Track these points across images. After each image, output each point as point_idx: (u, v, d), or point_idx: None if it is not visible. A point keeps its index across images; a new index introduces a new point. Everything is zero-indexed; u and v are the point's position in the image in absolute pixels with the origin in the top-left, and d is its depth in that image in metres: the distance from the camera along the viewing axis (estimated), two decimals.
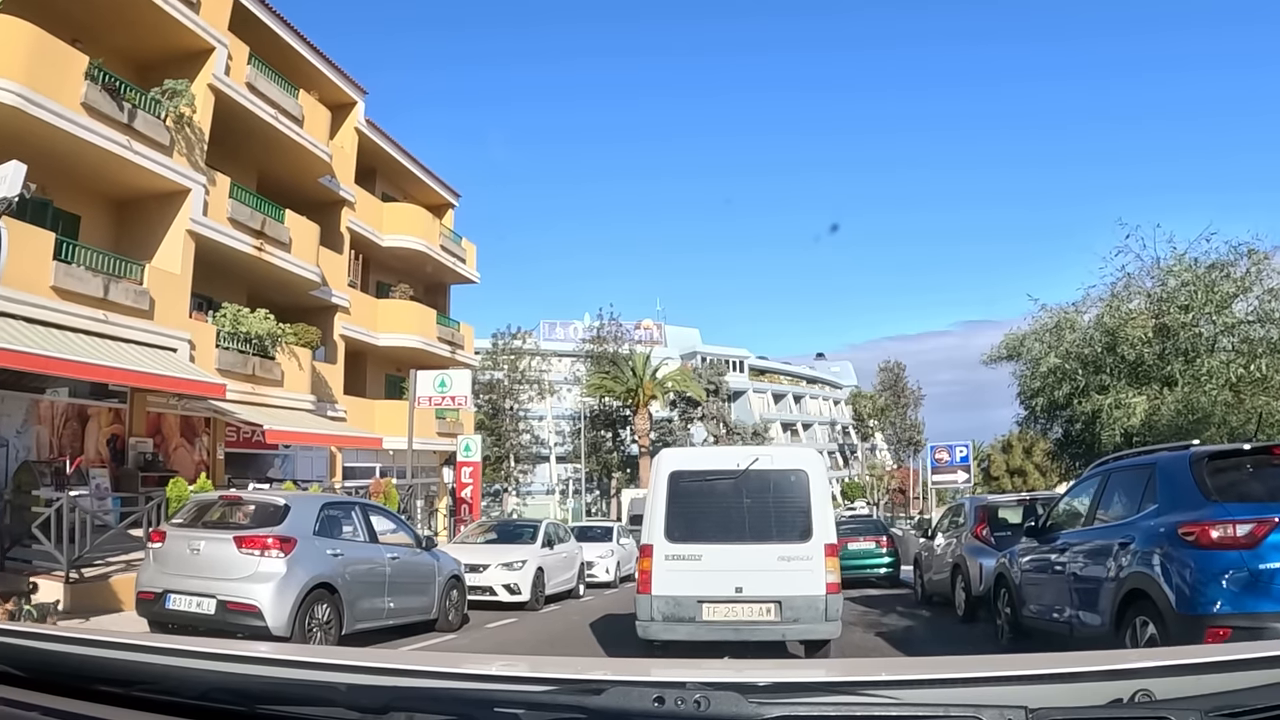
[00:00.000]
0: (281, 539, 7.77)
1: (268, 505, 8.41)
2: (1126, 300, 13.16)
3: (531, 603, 13.33)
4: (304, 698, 1.36)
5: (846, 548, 18.99)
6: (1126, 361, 12.88)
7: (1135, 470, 6.34)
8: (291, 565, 7.72)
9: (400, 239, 25.89)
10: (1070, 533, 6.98)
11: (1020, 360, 15.79)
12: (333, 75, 23.51)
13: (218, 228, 17.57)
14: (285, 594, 7.53)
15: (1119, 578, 5.57)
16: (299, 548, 7.85)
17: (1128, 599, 5.39)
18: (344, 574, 8.29)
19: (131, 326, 15.35)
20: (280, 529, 7.90)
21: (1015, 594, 7.96)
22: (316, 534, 8.29)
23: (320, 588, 7.95)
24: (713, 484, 7.93)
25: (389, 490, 17.25)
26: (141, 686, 1.45)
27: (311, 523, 8.29)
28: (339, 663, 1.56)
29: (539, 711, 1.27)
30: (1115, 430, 12.49)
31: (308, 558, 7.94)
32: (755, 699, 1.22)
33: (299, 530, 8.03)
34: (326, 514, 8.70)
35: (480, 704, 1.30)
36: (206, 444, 18.42)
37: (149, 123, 16.20)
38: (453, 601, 10.72)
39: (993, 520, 11.46)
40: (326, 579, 8.04)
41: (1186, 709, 1.18)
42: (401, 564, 9.44)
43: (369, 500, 11.96)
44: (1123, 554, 5.62)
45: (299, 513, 8.26)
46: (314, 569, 7.95)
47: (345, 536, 8.91)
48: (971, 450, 24.71)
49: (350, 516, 9.17)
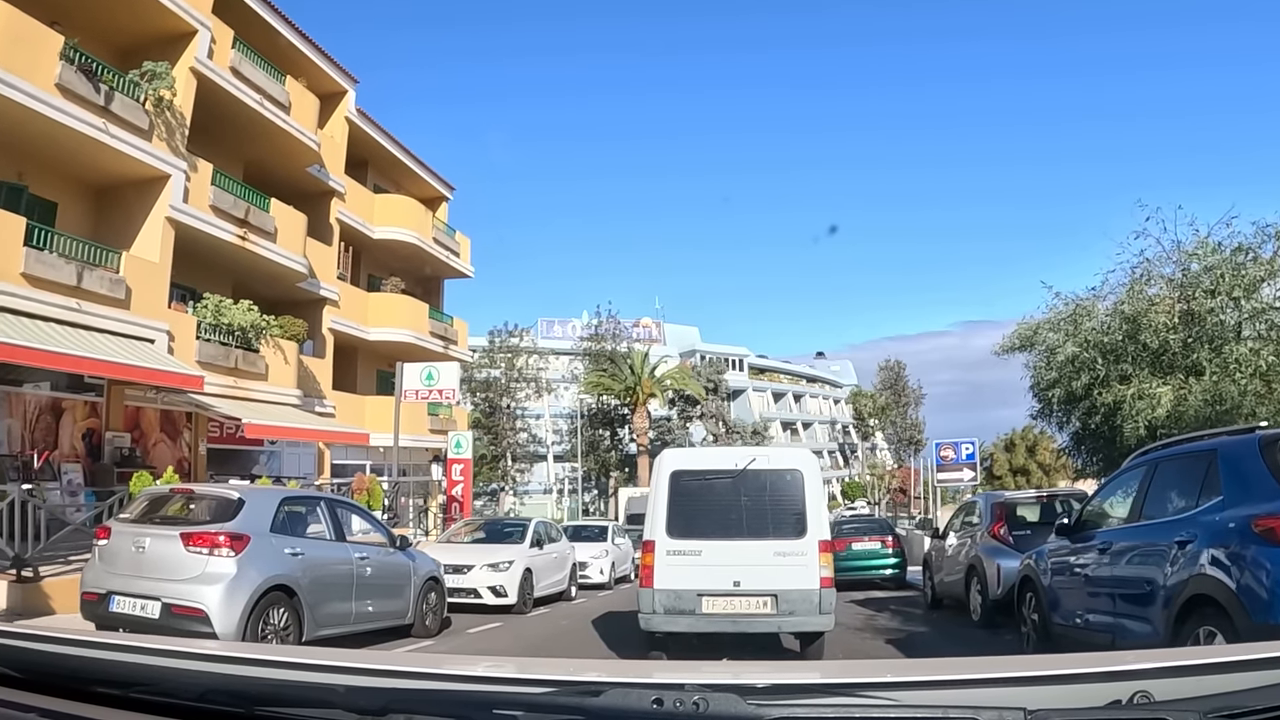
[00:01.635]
0: (232, 536, 7.08)
1: (220, 499, 7.71)
2: (1146, 286, 12.54)
3: (519, 605, 12.74)
4: (302, 699, 1.35)
5: (850, 548, 18.38)
6: (1149, 350, 12.20)
7: (1190, 459, 5.66)
8: (243, 565, 7.04)
9: (392, 231, 25.26)
10: (1111, 531, 6.28)
11: (1034, 351, 15.15)
12: (322, 63, 22.89)
13: (199, 215, 16.95)
14: (235, 597, 6.85)
15: (1177, 581, 4.88)
16: (252, 546, 7.17)
17: (1189, 606, 4.71)
18: (305, 575, 7.59)
19: (107, 316, 14.76)
20: (232, 525, 7.21)
21: (1043, 598, 7.19)
22: (274, 531, 7.59)
23: (276, 590, 7.26)
24: (712, 483, 8.22)
25: (373, 487, 16.58)
26: (139, 688, 1.44)
27: (268, 519, 7.59)
28: (337, 664, 1.56)
29: (538, 713, 1.26)
30: (1139, 422, 11.82)
31: (262, 557, 7.27)
32: (754, 700, 1.21)
33: (254, 527, 7.35)
34: (287, 510, 8.00)
35: (479, 706, 1.29)
36: (188, 440, 17.80)
37: (127, 106, 15.63)
38: (430, 605, 10.03)
39: (1010, 518, 10.75)
40: (284, 581, 7.34)
41: (1185, 710, 1.17)
42: (372, 564, 8.74)
43: (340, 496, 11.22)
44: (1180, 554, 4.95)
45: (254, 508, 7.57)
46: (269, 569, 7.26)
47: (308, 534, 8.22)
48: (977, 447, 23.98)
49: (315, 513, 8.48)
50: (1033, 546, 10.07)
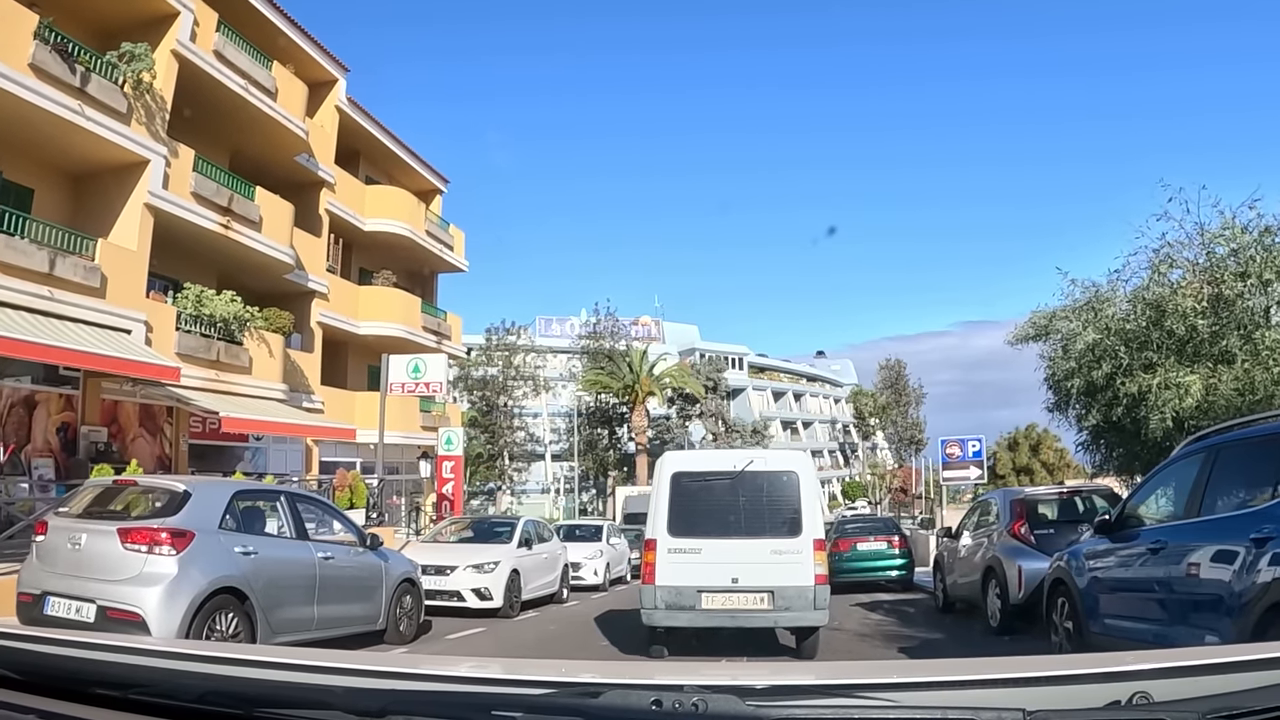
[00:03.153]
0: (174, 533, 6.37)
1: (164, 492, 7.00)
2: (1169, 270, 11.93)
3: (505, 609, 12.06)
4: (301, 700, 1.34)
5: (855, 548, 17.76)
6: (1175, 336, 11.55)
7: (1260, 444, 5.03)
8: (185, 565, 6.32)
9: (383, 223, 24.62)
10: (1164, 528, 5.62)
11: (1049, 340, 14.50)
12: (311, 50, 22.26)
13: (179, 202, 16.33)
14: (175, 600, 6.15)
15: (1253, 585, 4.24)
16: (197, 544, 6.47)
17: (1272, 614, 4.09)
18: (258, 576, 6.89)
19: (80, 305, 14.16)
20: (175, 520, 6.50)
21: (1079, 604, 6.45)
22: (224, 528, 6.89)
23: (224, 593, 6.55)
24: (711, 484, 8.57)
25: (356, 484, 15.91)
26: (138, 690, 1.43)
27: (217, 513, 6.88)
28: (336, 665, 1.55)
29: (537, 714, 1.25)
30: (1165, 413, 11.17)
31: (208, 556, 6.57)
32: (753, 701, 1.20)
33: (199, 522, 6.64)
34: (240, 504, 7.29)
35: (478, 707, 1.28)
36: (170, 435, 17.16)
37: (104, 88, 15.04)
38: (405, 609, 9.24)
39: (1031, 516, 10.06)
40: (233, 582, 6.63)
41: (1184, 711, 1.15)
42: (338, 565, 8.03)
43: (309, 491, 10.50)
44: (1257, 554, 4.32)
45: (202, 501, 6.86)
46: (216, 570, 6.55)
47: (265, 532, 7.54)
48: (984, 445, 23.34)
49: (274, 509, 7.77)
50: (1056, 546, 9.38)
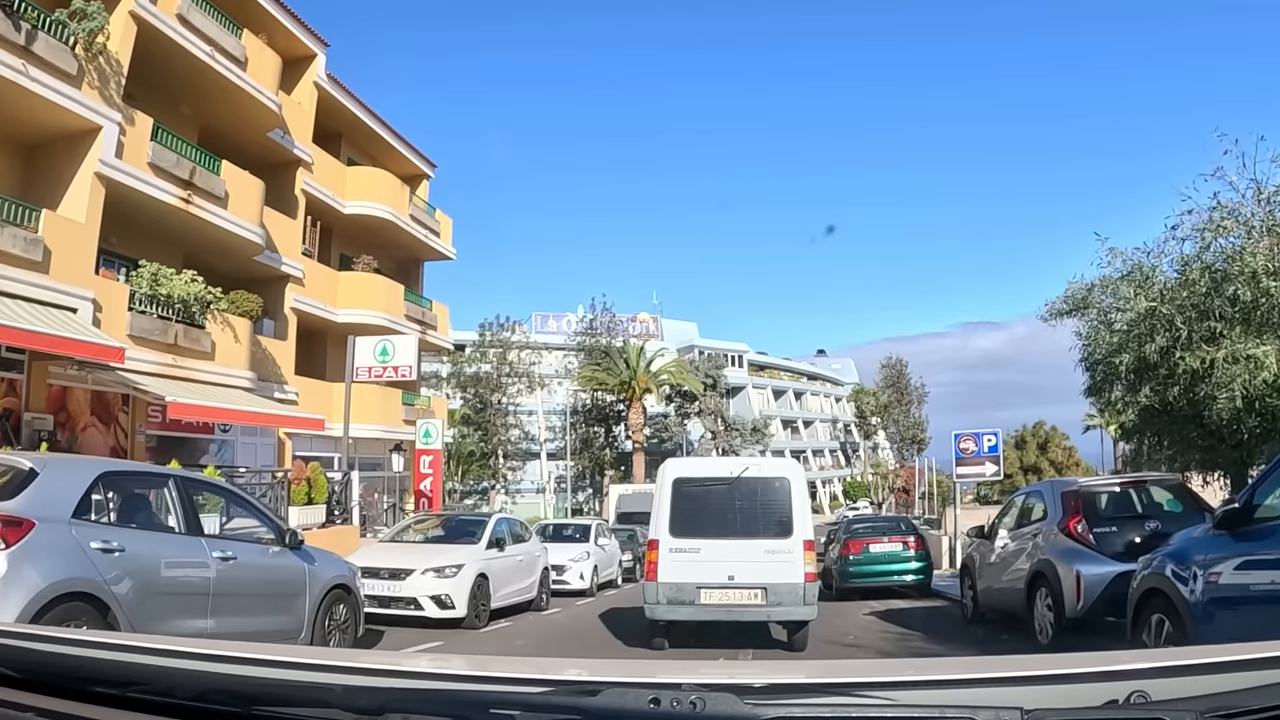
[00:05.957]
0: (6, 521, 4.96)
1: (5, 470, 5.51)
2: (1226, 233, 10.58)
3: (469, 619, 10.75)
4: (299, 699, 1.34)
5: (868, 550, 16.47)
6: (1241, 303, 10.19)
7: None
8: (18, 561, 4.89)
9: (364, 205, 23.30)
10: None
11: (1085, 316, 13.06)
12: (287, 21, 20.96)
13: (134, 173, 15.01)
14: (3, 606, 4.71)
15: None
16: (37, 536, 5.02)
17: None
18: (124, 579, 5.42)
19: (20, 280, 12.87)
20: (10, 505, 5.08)
21: (1188, 621, 5.02)
22: (80, 516, 5.44)
23: (74, 599, 5.12)
24: (710, 489, 9.29)
25: (315, 477, 14.58)
26: (136, 687, 1.42)
27: (72, 499, 5.41)
28: (335, 664, 1.56)
29: (535, 713, 1.25)
30: (1235, 390, 9.82)
31: (53, 552, 5.13)
32: (751, 700, 1.20)
33: (45, 509, 5.19)
34: (107, 488, 5.83)
35: (476, 705, 1.27)
36: (125, 425, 15.82)
37: (52, 47, 13.77)
38: (337, 620, 7.77)
39: (1089, 512, 8.58)
40: (86, 586, 5.20)
41: (1182, 710, 1.15)
42: (242, 567, 6.57)
43: (205, 476, 8.87)
44: None
45: (52, 483, 5.40)
46: (62, 570, 5.13)
47: (143, 524, 6.08)
48: (1000, 439, 21.98)
49: (159, 495, 6.31)
50: (1115, 548, 8.11)
